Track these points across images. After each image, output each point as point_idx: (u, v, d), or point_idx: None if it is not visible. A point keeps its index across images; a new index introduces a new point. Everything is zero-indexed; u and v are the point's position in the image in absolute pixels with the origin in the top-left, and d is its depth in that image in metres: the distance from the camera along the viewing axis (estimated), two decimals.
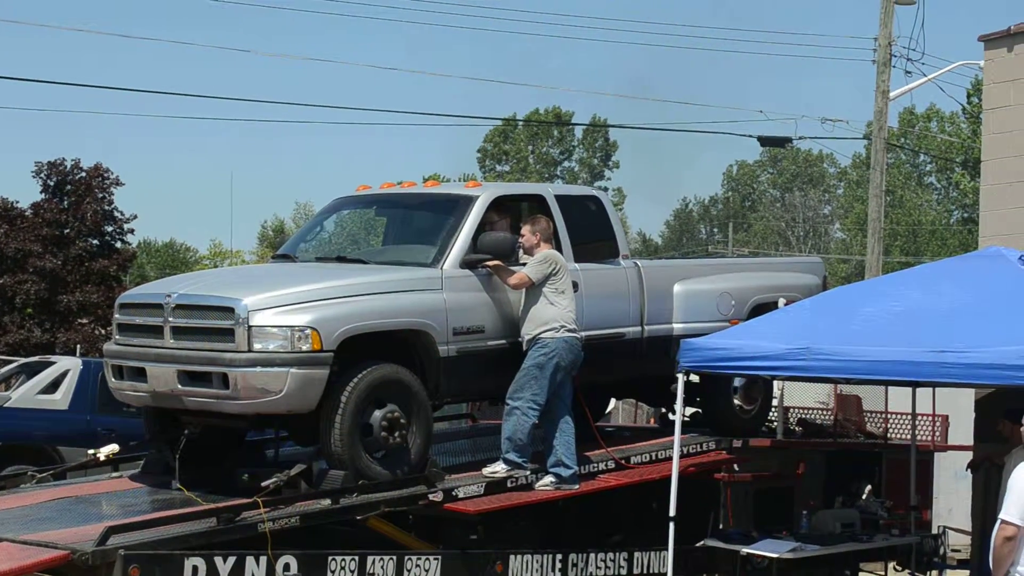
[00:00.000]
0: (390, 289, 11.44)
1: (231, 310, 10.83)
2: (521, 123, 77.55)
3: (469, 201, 12.20)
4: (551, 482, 11.95)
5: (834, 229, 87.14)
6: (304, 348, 10.76)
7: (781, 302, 13.73)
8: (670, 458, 12.88)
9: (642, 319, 13.15)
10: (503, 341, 12.02)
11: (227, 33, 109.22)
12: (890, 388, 15.36)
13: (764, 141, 27.94)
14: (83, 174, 35.27)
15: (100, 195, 35.25)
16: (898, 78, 29.08)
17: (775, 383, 14.33)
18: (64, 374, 18.04)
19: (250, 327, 10.76)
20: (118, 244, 36.12)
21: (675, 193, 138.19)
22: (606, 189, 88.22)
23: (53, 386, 17.97)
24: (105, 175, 35.34)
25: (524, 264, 12.02)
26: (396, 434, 11.16)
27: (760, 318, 12.74)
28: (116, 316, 11.79)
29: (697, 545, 12.69)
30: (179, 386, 11.03)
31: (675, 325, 13.38)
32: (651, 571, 12.55)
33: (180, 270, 73.59)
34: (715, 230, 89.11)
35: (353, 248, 13.23)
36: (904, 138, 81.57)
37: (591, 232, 12.89)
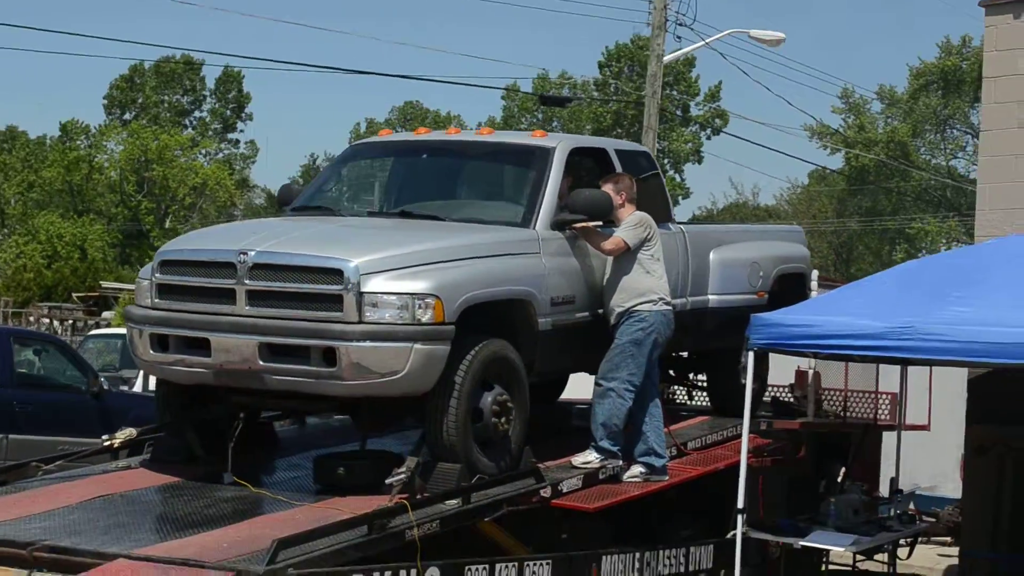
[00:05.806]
0: (495, 252, 9.82)
1: (339, 273, 8.99)
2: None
3: (547, 152, 10.66)
4: (641, 473, 10.61)
5: None
6: (426, 319, 9.05)
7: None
8: (717, 443, 11.97)
9: (687, 290, 11.91)
10: (588, 313, 10.58)
11: None
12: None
13: (545, 100, 26.94)
14: None
15: None
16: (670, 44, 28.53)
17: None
18: None
19: (362, 293, 8.97)
20: None
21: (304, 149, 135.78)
22: (237, 142, 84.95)
23: None
24: None
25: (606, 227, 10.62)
26: (503, 420, 9.62)
27: (833, 293, 11.80)
28: (157, 276, 9.62)
29: (747, 536, 11.62)
30: (260, 362, 9.11)
31: (710, 297, 12.19)
32: (699, 567, 11.45)
33: None
34: None
35: (394, 203, 11.25)
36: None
37: (648, 193, 11.53)
